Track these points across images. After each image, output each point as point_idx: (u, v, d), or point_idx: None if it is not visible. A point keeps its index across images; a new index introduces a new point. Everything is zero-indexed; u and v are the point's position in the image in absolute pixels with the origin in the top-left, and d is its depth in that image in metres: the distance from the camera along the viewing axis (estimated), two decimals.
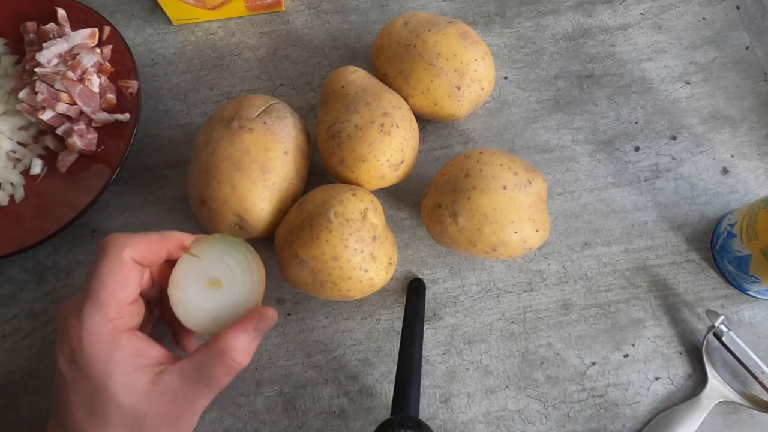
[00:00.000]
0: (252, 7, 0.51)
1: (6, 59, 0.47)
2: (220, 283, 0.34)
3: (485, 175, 0.38)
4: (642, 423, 0.40)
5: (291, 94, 0.50)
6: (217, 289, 0.34)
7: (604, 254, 0.45)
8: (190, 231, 0.45)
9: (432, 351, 0.42)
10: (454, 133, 0.48)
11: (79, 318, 0.29)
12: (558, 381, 0.41)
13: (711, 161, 0.47)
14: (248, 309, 0.34)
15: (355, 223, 0.36)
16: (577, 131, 0.48)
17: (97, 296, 0.30)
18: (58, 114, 0.44)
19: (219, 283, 0.34)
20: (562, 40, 0.51)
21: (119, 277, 0.30)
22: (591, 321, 0.43)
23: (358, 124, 0.39)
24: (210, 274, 0.34)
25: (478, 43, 0.43)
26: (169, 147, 0.48)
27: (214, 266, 0.34)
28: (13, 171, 0.45)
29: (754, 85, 0.50)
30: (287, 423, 0.41)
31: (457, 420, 0.40)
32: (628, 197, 0.46)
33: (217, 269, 0.34)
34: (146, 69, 0.51)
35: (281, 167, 0.40)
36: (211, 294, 0.34)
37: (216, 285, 0.34)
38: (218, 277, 0.34)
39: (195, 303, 0.34)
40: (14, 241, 0.41)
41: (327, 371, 0.42)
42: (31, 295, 0.44)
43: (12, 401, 0.41)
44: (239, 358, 0.31)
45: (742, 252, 0.40)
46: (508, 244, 0.38)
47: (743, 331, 0.43)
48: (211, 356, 0.31)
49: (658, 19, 0.52)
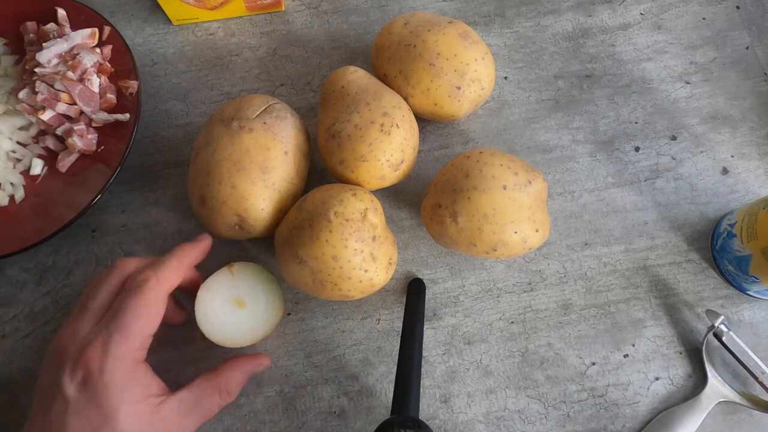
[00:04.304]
0: (252, 7, 0.51)
1: (6, 59, 0.47)
2: (244, 303, 0.39)
3: (485, 175, 0.38)
4: (642, 423, 0.40)
5: (291, 94, 0.50)
6: (240, 309, 0.39)
7: (604, 254, 0.45)
8: (191, 231, 0.45)
9: (432, 351, 0.42)
10: (454, 133, 0.48)
11: (105, 345, 0.31)
12: (558, 381, 0.41)
13: (711, 161, 0.47)
14: (255, 339, 0.39)
15: (355, 223, 0.36)
16: (577, 131, 0.48)
17: (129, 328, 0.31)
18: (58, 114, 0.44)
19: (243, 304, 0.39)
20: (562, 40, 0.51)
21: (154, 312, 0.33)
22: (591, 321, 0.43)
23: (358, 124, 0.39)
24: (238, 294, 0.39)
25: (478, 43, 0.43)
26: (169, 147, 0.48)
27: (245, 289, 0.39)
28: (13, 171, 0.45)
29: (754, 85, 0.50)
30: (287, 423, 0.40)
31: (457, 420, 0.40)
32: (628, 197, 0.46)
33: (245, 292, 0.39)
34: (146, 69, 0.51)
35: (281, 167, 0.40)
36: (232, 310, 0.39)
37: (240, 305, 0.39)
38: (244, 299, 0.39)
39: (218, 312, 0.39)
40: (14, 241, 0.41)
41: (327, 371, 0.42)
42: (31, 295, 0.44)
43: (12, 401, 0.41)
44: (234, 392, 0.35)
45: (742, 252, 0.40)
46: (508, 244, 0.38)
47: (743, 331, 0.43)
48: (209, 388, 0.34)
49: (658, 19, 0.52)
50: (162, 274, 0.34)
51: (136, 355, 0.32)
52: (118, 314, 0.32)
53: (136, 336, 0.32)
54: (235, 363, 0.36)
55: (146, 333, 0.32)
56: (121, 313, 0.32)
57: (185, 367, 0.42)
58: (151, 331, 0.33)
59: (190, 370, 0.42)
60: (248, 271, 0.40)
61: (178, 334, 0.42)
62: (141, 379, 0.32)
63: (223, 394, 0.35)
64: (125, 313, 0.32)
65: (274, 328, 0.40)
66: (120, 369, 0.31)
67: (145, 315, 0.32)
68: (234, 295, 0.39)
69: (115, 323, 0.31)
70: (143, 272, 0.33)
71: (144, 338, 0.32)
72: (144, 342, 0.32)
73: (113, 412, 0.30)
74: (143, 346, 0.32)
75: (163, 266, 0.34)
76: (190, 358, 0.42)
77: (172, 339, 0.42)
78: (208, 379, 0.35)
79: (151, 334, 0.33)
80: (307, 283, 0.38)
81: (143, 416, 0.31)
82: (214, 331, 0.38)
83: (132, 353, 0.31)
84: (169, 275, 0.34)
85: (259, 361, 0.38)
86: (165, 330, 0.42)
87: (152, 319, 0.33)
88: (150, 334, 0.33)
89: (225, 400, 0.35)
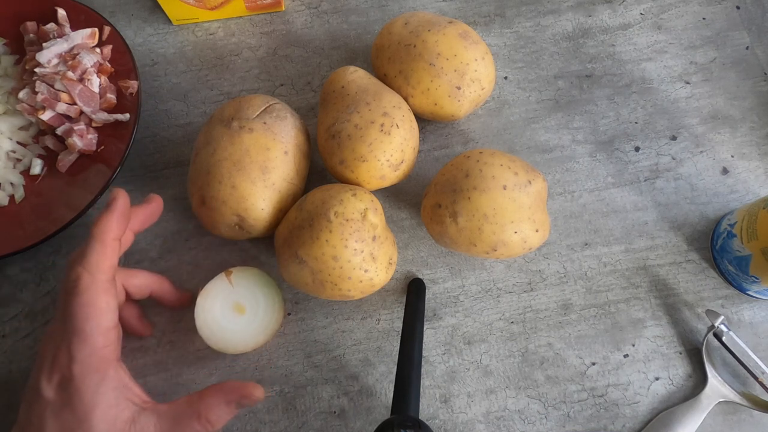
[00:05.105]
0: (252, 7, 0.51)
1: (6, 59, 0.47)
2: (244, 309, 0.39)
3: (485, 175, 0.38)
4: (642, 423, 0.40)
5: (291, 94, 0.50)
6: (240, 315, 0.39)
7: (604, 254, 0.45)
8: (191, 231, 0.45)
9: (432, 351, 0.42)
10: (454, 133, 0.48)
11: (68, 351, 0.30)
12: (558, 381, 0.41)
13: (711, 161, 0.47)
14: (256, 344, 0.39)
15: (355, 223, 0.36)
16: (577, 131, 0.48)
17: (82, 331, 0.30)
18: (58, 114, 0.44)
19: (243, 310, 0.39)
20: (562, 40, 0.51)
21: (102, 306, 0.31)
22: (591, 321, 0.43)
23: (358, 124, 0.39)
24: (238, 300, 0.39)
25: (478, 43, 0.43)
26: (169, 147, 0.48)
27: (244, 294, 0.39)
28: (13, 171, 0.45)
29: (754, 85, 0.50)
30: (287, 423, 0.40)
31: (457, 420, 0.40)
32: (628, 197, 0.46)
33: (245, 298, 0.39)
34: (146, 69, 0.51)
35: (281, 167, 0.40)
36: (232, 316, 0.39)
37: (240, 311, 0.39)
38: (244, 304, 0.39)
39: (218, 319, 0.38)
40: (14, 241, 0.41)
41: (327, 371, 0.42)
42: (31, 295, 0.44)
43: (12, 401, 0.41)
44: (215, 422, 0.32)
45: (742, 252, 0.40)
46: (508, 244, 0.38)
47: (743, 331, 0.43)
48: (190, 412, 0.32)
49: (658, 19, 0.52)
50: (90, 265, 0.31)
51: (103, 354, 0.31)
52: (68, 319, 0.30)
53: (93, 336, 0.30)
54: (220, 390, 0.33)
55: (103, 329, 0.31)
56: (69, 317, 0.30)
57: (185, 367, 0.42)
58: (108, 325, 0.31)
59: (190, 370, 0.42)
60: (247, 276, 0.40)
61: (178, 335, 0.42)
62: (114, 381, 0.31)
63: (202, 421, 0.32)
64: (74, 317, 0.30)
65: (274, 333, 0.40)
66: (89, 371, 0.30)
67: (93, 313, 0.30)
68: (233, 300, 0.39)
69: (70, 328, 0.30)
70: (72, 268, 0.31)
71: (103, 335, 0.31)
72: (106, 338, 0.31)
73: (87, 415, 0.29)
74: (107, 343, 0.31)
75: (89, 255, 0.32)
76: (190, 358, 0.42)
77: (171, 339, 0.42)
78: (190, 402, 0.32)
79: (109, 327, 0.31)
80: (307, 283, 0.38)
81: (119, 423, 0.30)
82: (215, 338, 0.38)
83: (97, 353, 0.30)
84: (97, 261, 0.31)
85: (247, 391, 0.33)
86: (165, 330, 0.42)
87: (103, 314, 0.31)
88: (108, 328, 0.31)
89: (205, 428, 0.32)
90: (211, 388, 0.33)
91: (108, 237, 0.32)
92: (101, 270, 0.32)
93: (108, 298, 0.31)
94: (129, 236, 0.36)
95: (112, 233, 0.33)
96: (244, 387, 0.33)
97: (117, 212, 0.33)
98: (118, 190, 0.34)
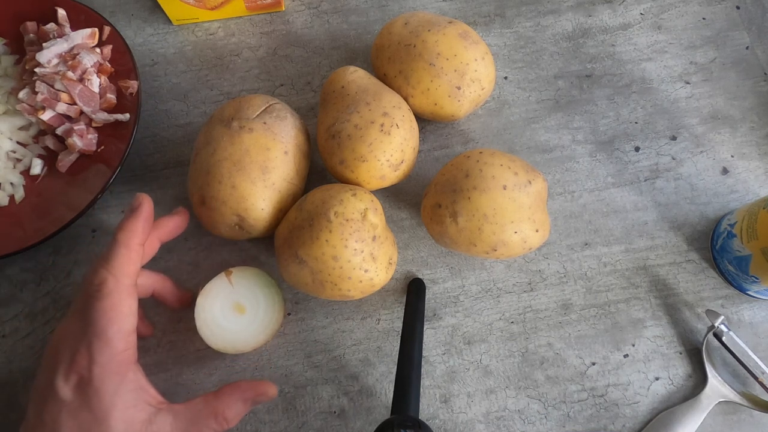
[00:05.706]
0: (252, 7, 0.51)
1: (6, 59, 0.47)
2: (244, 309, 0.39)
3: (485, 175, 0.38)
4: (642, 423, 0.40)
5: (291, 94, 0.50)
6: (240, 315, 0.39)
7: (604, 254, 0.45)
8: (191, 231, 0.45)
9: (432, 351, 0.42)
10: (454, 133, 0.48)
11: (89, 353, 0.30)
12: (558, 381, 0.41)
13: (711, 161, 0.47)
14: (257, 344, 0.39)
15: (355, 223, 0.36)
16: (577, 131, 0.48)
17: (104, 334, 0.31)
18: (58, 114, 0.44)
19: (243, 309, 0.39)
20: (562, 40, 0.51)
21: (125, 311, 0.32)
22: (591, 321, 0.43)
23: (358, 124, 0.39)
24: (238, 299, 0.39)
25: (478, 43, 0.43)
26: (169, 147, 0.48)
27: (244, 294, 0.39)
28: (13, 171, 0.45)
29: (754, 85, 0.50)
30: (287, 423, 0.41)
31: (457, 420, 0.40)
32: (628, 197, 0.46)
33: (245, 297, 0.39)
34: (146, 69, 0.51)
35: (281, 167, 0.40)
36: (232, 316, 0.39)
37: (240, 311, 0.39)
38: (244, 304, 0.39)
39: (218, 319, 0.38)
40: (14, 241, 0.41)
41: (327, 371, 0.42)
42: (31, 295, 0.44)
43: (12, 401, 0.41)
44: (231, 420, 0.33)
45: (742, 252, 0.40)
46: (508, 244, 0.38)
47: (743, 331, 0.43)
48: (206, 411, 0.33)
49: (658, 19, 0.52)
50: (115, 269, 0.32)
51: (123, 357, 0.31)
52: (90, 322, 0.31)
53: (115, 339, 0.31)
54: (237, 389, 0.34)
55: (124, 333, 0.31)
56: (92, 320, 0.31)
57: (185, 367, 0.42)
58: (129, 329, 0.32)
59: (190, 370, 0.42)
60: (247, 275, 0.40)
61: (178, 335, 0.42)
62: (133, 383, 0.31)
63: (219, 419, 0.33)
64: (97, 320, 0.31)
65: (274, 333, 0.40)
66: (109, 373, 0.30)
67: (116, 317, 0.31)
68: (233, 300, 0.39)
69: (92, 330, 0.31)
70: (97, 272, 0.32)
71: (125, 338, 0.31)
72: (127, 342, 0.31)
73: (105, 416, 0.30)
74: (128, 347, 0.32)
75: (114, 259, 0.32)
76: (190, 358, 0.42)
77: (171, 339, 0.42)
78: (207, 401, 0.33)
79: (130, 331, 0.32)
80: (307, 283, 0.38)
81: (136, 423, 0.31)
82: (215, 338, 0.38)
83: (117, 356, 0.31)
84: (122, 265, 0.32)
85: (263, 389, 0.35)
86: (165, 330, 0.42)
87: (126, 318, 0.32)
88: (130, 331, 0.32)
89: (222, 426, 0.33)
90: (228, 387, 0.34)
91: (133, 242, 0.33)
92: (126, 274, 0.32)
93: (131, 302, 0.32)
94: (155, 244, 0.37)
95: (137, 238, 0.33)
96: (259, 385, 0.35)
97: (142, 217, 0.34)
98: (143, 196, 0.35)
